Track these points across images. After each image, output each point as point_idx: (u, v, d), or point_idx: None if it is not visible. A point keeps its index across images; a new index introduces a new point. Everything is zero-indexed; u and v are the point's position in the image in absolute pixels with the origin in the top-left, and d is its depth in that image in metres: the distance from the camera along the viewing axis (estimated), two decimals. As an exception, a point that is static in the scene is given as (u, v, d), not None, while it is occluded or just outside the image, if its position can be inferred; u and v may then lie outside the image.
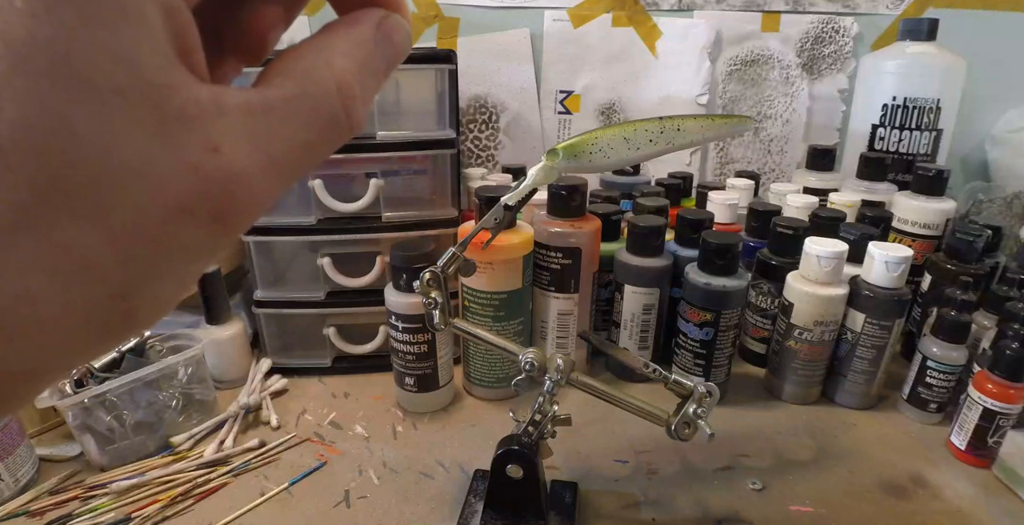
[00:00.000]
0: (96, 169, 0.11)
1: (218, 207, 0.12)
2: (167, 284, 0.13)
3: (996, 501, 0.45)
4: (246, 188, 0.13)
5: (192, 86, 0.12)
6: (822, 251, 0.51)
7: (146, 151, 0.11)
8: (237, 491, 0.45)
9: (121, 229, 0.11)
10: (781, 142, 0.92)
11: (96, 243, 0.11)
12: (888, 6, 0.85)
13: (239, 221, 0.13)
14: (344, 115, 0.14)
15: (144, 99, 0.11)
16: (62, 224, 0.11)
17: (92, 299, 0.12)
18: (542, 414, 0.39)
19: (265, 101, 0.13)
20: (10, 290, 0.10)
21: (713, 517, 0.43)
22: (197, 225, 0.12)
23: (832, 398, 0.57)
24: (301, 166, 0.14)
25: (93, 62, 0.11)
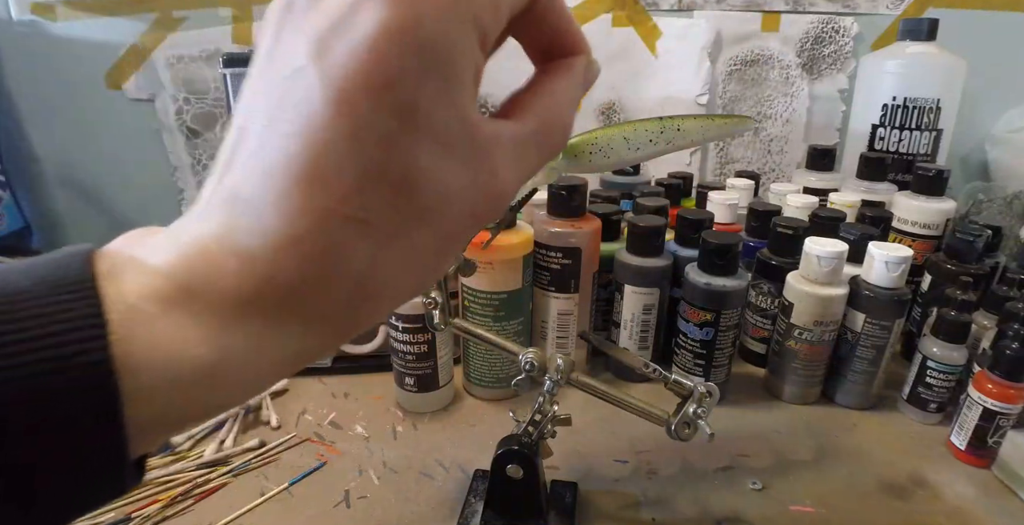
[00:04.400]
0: (434, 191, 0.15)
1: (490, 215, 0.17)
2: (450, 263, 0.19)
3: (996, 501, 0.45)
4: (505, 200, 0.17)
5: (486, 123, 0.16)
6: (822, 251, 0.51)
7: (463, 177, 0.16)
8: (237, 491, 0.45)
9: (444, 234, 0.16)
10: (781, 142, 0.92)
11: (430, 243, 0.16)
12: (888, 6, 0.85)
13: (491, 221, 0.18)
14: (562, 144, 0.19)
15: (465, 139, 0.16)
16: (420, 232, 0.16)
17: (421, 278, 0.17)
18: (542, 414, 0.39)
19: (522, 135, 0.18)
20: (380, 276, 0.16)
21: (713, 517, 0.43)
22: (476, 225, 0.17)
23: (832, 398, 0.57)
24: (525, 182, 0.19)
25: (436, 112, 0.15)
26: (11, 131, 0.91)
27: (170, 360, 0.14)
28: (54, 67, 0.88)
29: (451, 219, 0.16)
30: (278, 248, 0.14)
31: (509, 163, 0.17)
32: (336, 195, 0.14)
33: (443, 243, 0.16)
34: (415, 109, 0.14)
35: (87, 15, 0.86)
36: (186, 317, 0.14)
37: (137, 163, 0.94)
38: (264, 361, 0.15)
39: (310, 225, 0.14)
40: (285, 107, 0.14)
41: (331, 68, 0.14)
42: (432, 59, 0.14)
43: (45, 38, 0.86)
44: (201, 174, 0.95)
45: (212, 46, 0.88)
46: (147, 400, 0.13)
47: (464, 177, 0.16)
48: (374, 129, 0.14)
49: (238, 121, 0.16)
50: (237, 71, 0.57)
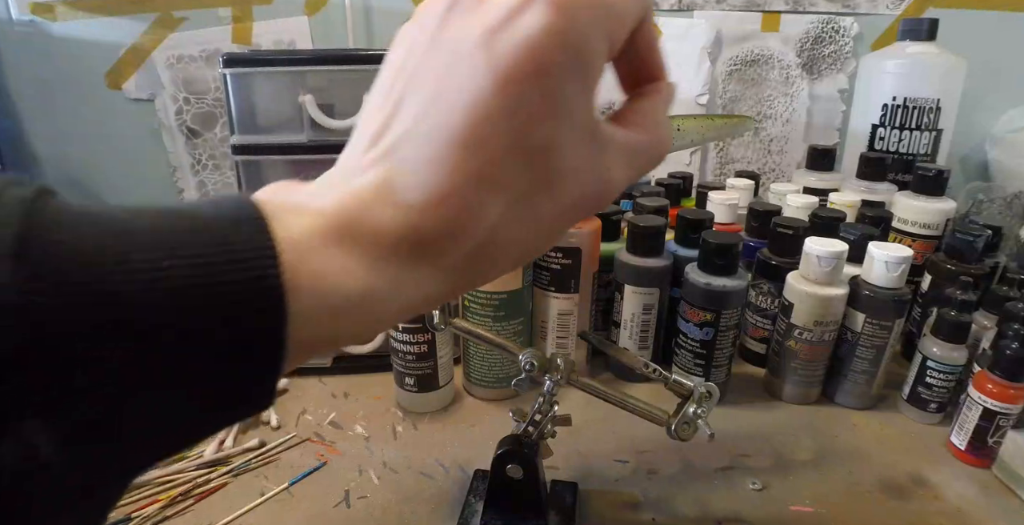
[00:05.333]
0: (561, 170, 0.18)
1: (599, 204, 0.20)
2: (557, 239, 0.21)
3: (996, 501, 0.45)
4: (611, 195, 0.20)
5: (604, 125, 0.20)
6: (822, 251, 0.51)
7: (584, 164, 0.19)
8: (237, 491, 0.45)
9: (559, 207, 0.19)
10: (781, 142, 0.93)
11: (547, 213, 0.19)
12: (888, 6, 0.85)
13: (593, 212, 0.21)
14: (663, 158, 0.22)
15: (590, 131, 0.19)
16: (542, 200, 0.19)
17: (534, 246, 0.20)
18: (542, 414, 0.39)
19: (634, 141, 0.21)
20: (505, 235, 0.18)
21: (713, 517, 0.43)
22: (585, 212, 0.20)
23: (832, 398, 0.57)
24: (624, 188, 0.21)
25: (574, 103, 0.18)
26: (11, 131, 0.91)
27: (328, 290, 0.16)
28: (54, 67, 0.88)
29: (569, 198, 0.19)
30: (429, 201, 0.17)
31: (621, 163, 0.20)
32: (486, 160, 0.17)
33: (557, 219, 0.19)
34: (560, 98, 0.17)
35: (87, 15, 0.86)
36: (343, 254, 0.16)
37: (137, 163, 0.94)
38: (400, 300, 0.18)
39: (459, 184, 0.17)
40: (451, 82, 0.17)
41: (497, 56, 0.17)
42: (577, 59, 0.17)
43: (45, 38, 0.86)
44: (201, 174, 0.95)
45: (212, 46, 0.88)
46: (304, 323, 0.16)
47: (587, 164, 0.19)
48: (526, 109, 0.17)
49: (395, 93, 0.18)
50: (237, 71, 0.57)
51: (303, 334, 0.16)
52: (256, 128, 0.59)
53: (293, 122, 0.58)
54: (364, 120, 0.19)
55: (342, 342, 0.18)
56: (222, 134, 0.93)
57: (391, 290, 0.17)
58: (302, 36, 0.89)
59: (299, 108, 0.57)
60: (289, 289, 0.15)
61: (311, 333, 0.16)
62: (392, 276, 0.17)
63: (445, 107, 0.17)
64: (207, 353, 0.14)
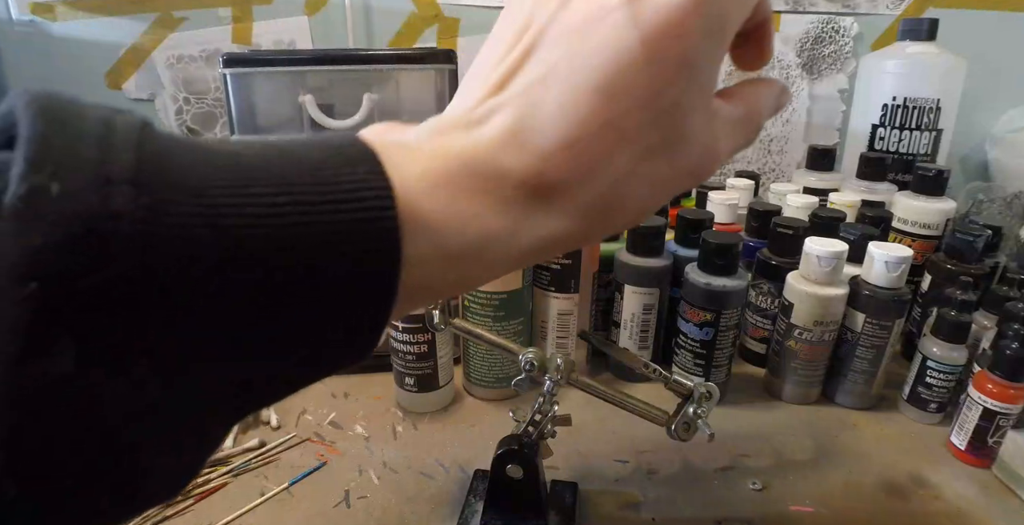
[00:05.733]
0: (683, 131, 0.19)
1: (704, 172, 0.20)
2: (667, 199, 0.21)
3: (996, 501, 0.45)
4: (714, 165, 0.20)
5: (716, 101, 0.20)
6: (822, 251, 0.51)
7: (700, 129, 0.19)
8: (237, 491, 0.45)
9: (675, 167, 0.19)
10: (781, 142, 0.93)
11: (666, 171, 0.19)
12: (888, 6, 0.85)
13: (697, 182, 0.21)
14: (756, 134, 0.23)
15: (710, 101, 0.20)
16: (662, 159, 0.19)
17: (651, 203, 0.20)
18: (542, 414, 0.39)
19: (736, 116, 0.21)
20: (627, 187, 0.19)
21: (713, 517, 0.43)
22: (688, 178, 0.20)
23: (832, 398, 0.57)
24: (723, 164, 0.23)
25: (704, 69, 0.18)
26: (11, 131, 0.91)
27: (447, 233, 0.16)
28: (54, 67, 0.88)
29: (683, 159, 0.19)
30: (558, 147, 0.17)
31: (725, 135, 0.20)
32: (620, 110, 0.17)
33: (672, 177, 0.19)
34: (694, 61, 0.18)
35: (87, 15, 0.86)
36: (464, 197, 0.16)
37: (137, 163, 0.94)
38: (517, 246, 0.17)
39: (592, 132, 0.17)
40: (593, 32, 0.17)
41: (642, 13, 0.17)
42: (715, 28, 0.18)
43: (45, 38, 0.86)
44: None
45: (212, 46, 0.88)
46: (420, 267, 0.15)
47: (702, 129, 0.19)
48: (664, 66, 0.17)
49: (525, 40, 0.18)
50: (237, 71, 0.57)
51: (418, 278, 0.15)
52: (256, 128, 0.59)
53: (293, 122, 0.58)
54: (482, 69, 0.19)
55: (460, 287, 0.18)
56: (222, 134, 0.93)
57: (511, 234, 0.17)
58: (302, 36, 0.89)
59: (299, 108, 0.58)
60: (406, 231, 0.15)
61: (427, 277, 0.16)
62: (512, 220, 0.17)
63: (584, 58, 0.17)
64: (317, 292, 0.14)
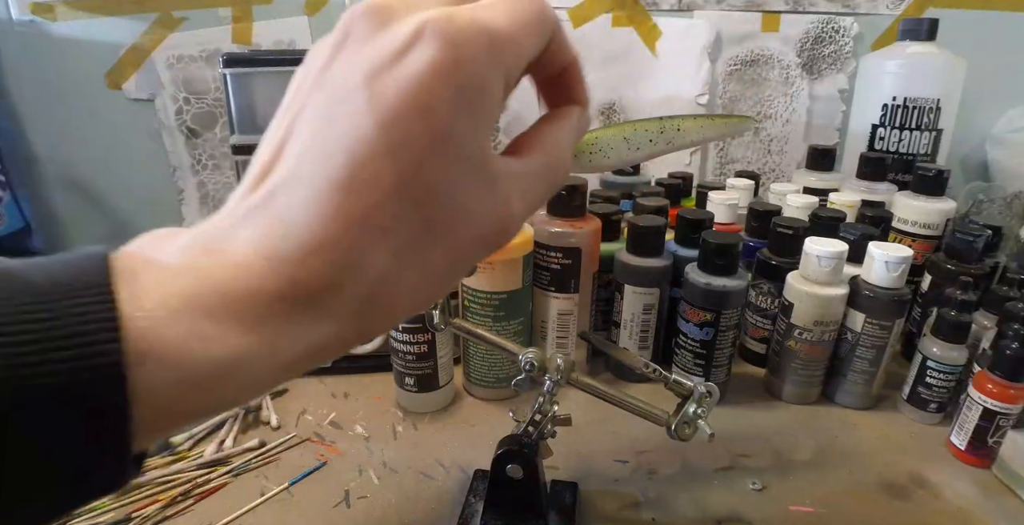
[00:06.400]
0: (452, 211, 0.17)
1: (499, 240, 0.19)
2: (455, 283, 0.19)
3: (996, 501, 0.45)
4: (514, 226, 0.19)
5: (498, 159, 0.19)
6: (822, 251, 0.51)
7: (476, 202, 0.18)
8: (237, 491, 0.45)
9: (455, 251, 0.18)
10: (781, 142, 0.92)
11: (441, 259, 0.18)
12: (888, 6, 0.85)
13: (498, 247, 0.19)
14: (564, 177, 0.22)
15: (484, 168, 0.18)
16: (433, 244, 0.17)
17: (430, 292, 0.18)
18: (542, 414, 0.39)
19: (530, 170, 0.20)
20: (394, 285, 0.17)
21: (713, 517, 0.43)
22: (484, 249, 0.19)
23: (832, 398, 0.57)
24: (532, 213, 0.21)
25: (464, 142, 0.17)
26: (11, 131, 0.91)
27: (185, 359, 0.14)
28: (54, 67, 0.88)
29: (463, 239, 0.18)
30: (307, 251, 0.16)
31: (518, 195, 0.19)
32: (368, 204, 0.16)
33: (453, 261, 0.18)
34: (447, 137, 0.16)
35: (87, 15, 0.86)
36: (205, 318, 0.15)
37: (137, 163, 0.94)
38: (278, 360, 0.16)
39: (340, 231, 0.16)
40: (332, 123, 0.16)
41: (381, 94, 0.16)
42: (467, 97, 0.17)
43: (45, 38, 0.86)
44: (201, 174, 0.95)
45: (212, 46, 0.88)
46: (159, 397, 0.14)
47: (479, 201, 0.18)
48: (410, 149, 0.16)
49: (279, 133, 0.17)
50: (237, 71, 0.57)
51: (163, 407, 0.14)
52: (256, 128, 0.59)
53: (293, 122, 0.58)
54: (253, 160, 0.18)
55: (222, 407, 0.16)
56: (222, 134, 0.93)
57: (269, 350, 0.16)
58: (302, 36, 0.89)
59: (299, 108, 0.57)
60: (136, 363, 0.14)
61: (173, 405, 0.15)
62: (270, 336, 0.16)
63: (325, 150, 0.16)
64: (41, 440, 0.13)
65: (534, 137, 0.21)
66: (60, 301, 0.14)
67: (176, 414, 0.15)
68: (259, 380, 0.16)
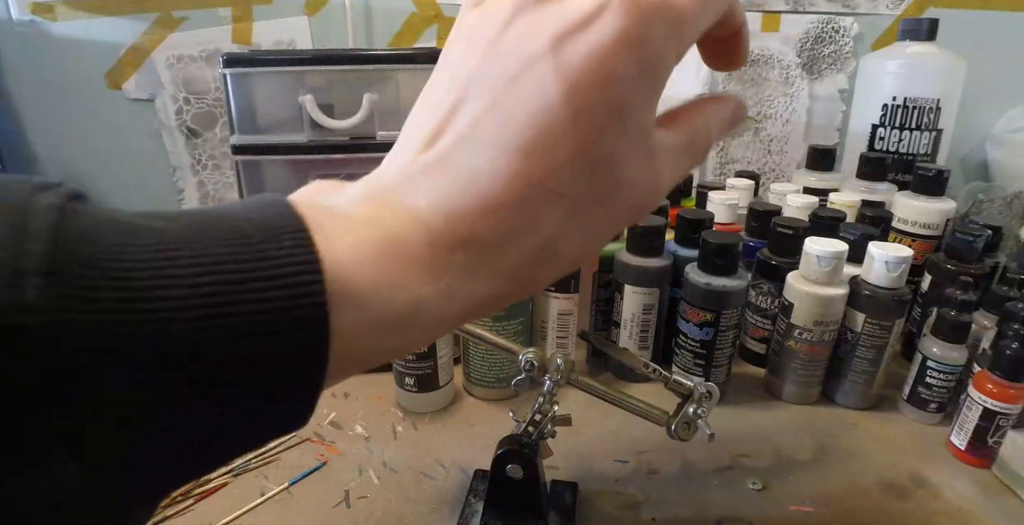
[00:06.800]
0: (617, 178, 0.18)
1: (650, 208, 0.20)
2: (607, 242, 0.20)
3: (996, 501, 0.45)
4: (658, 197, 0.20)
5: (656, 131, 0.19)
6: (822, 251, 0.51)
7: (638, 171, 0.19)
8: (237, 491, 0.45)
9: (614, 214, 0.19)
10: (781, 142, 0.93)
11: (602, 220, 0.19)
12: (888, 6, 0.85)
13: (644, 215, 0.21)
14: (703, 158, 0.22)
15: (647, 140, 0.19)
16: (598, 208, 0.18)
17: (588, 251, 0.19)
18: (542, 414, 0.39)
19: (678, 144, 0.20)
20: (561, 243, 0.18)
21: (713, 517, 0.43)
22: (637, 216, 0.20)
23: (832, 398, 0.57)
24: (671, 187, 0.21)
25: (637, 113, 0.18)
26: (11, 131, 0.91)
27: (377, 305, 0.15)
28: (54, 67, 0.88)
29: (622, 204, 0.19)
30: (485, 210, 0.16)
31: (669, 166, 0.20)
32: (547, 169, 0.17)
33: (610, 224, 0.19)
34: (625, 108, 0.17)
35: (87, 15, 0.86)
36: (392, 265, 0.16)
37: (137, 163, 0.94)
38: (452, 308, 0.17)
39: (518, 193, 0.17)
40: (516, 88, 0.16)
41: (567, 63, 0.16)
42: (646, 71, 0.17)
43: (45, 38, 0.86)
44: (201, 174, 0.95)
45: (212, 46, 0.88)
46: (351, 339, 0.15)
47: (640, 170, 0.19)
48: (592, 118, 0.16)
49: (452, 95, 0.18)
50: (237, 71, 0.57)
51: (349, 350, 0.15)
52: (256, 128, 0.59)
53: (293, 122, 0.58)
54: (418, 117, 0.19)
55: (395, 353, 0.18)
56: (222, 134, 0.93)
57: (443, 300, 0.17)
58: (302, 36, 0.89)
59: (299, 108, 0.57)
60: (334, 305, 0.14)
61: (358, 349, 0.16)
62: (444, 286, 0.17)
63: (507, 114, 0.16)
64: (243, 374, 0.14)
65: (687, 113, 0.21)
66: (266, 244, 0.14)
67: (361, 356, 0.16)
68: (435, 327, 0.17)
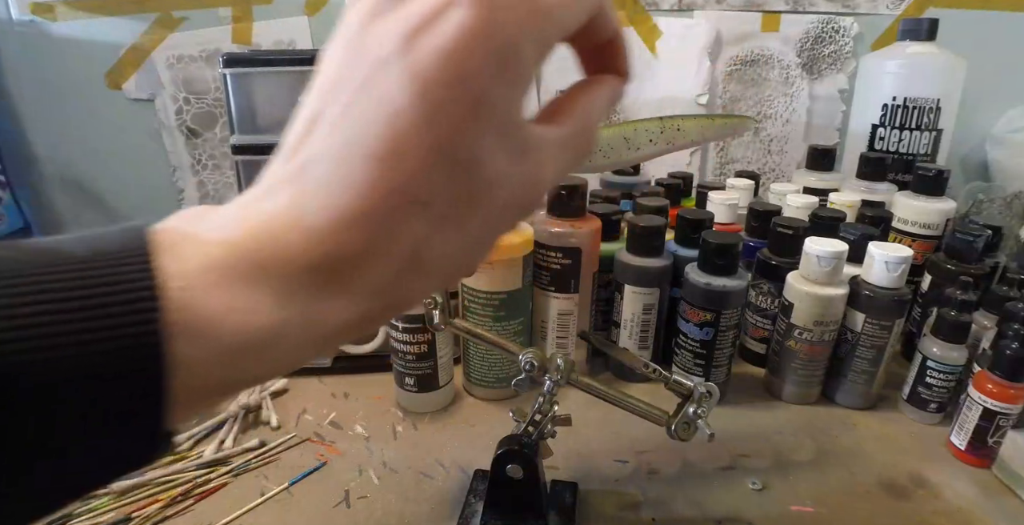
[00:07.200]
0: (488, 178, 0.17)
1: (530, 204, 0.19)
2: (490, 250, 0.19)
3: (996, 501, 0.45)
4: (543, 194, 0.19)
5: (530, 125, 0.18)
6: (822, 251, 0.51)
7: (511, 168, 0.17)
8: (237, 491, 0.45)
9: (491, 219, 0.18)
10: (781, 142, 0.92)
11: (477, 227, 0.18)
12: (888, 6, 0.85)
13: (530, 214, 0.20)
14: (591, 148, 0.21)
15: (519, 135, 0.18)
16: (469, 213, 0.17)
17: (466, 261, 0.19)
18: (542, 414, 0.39)
19: (561, 136, 0.19)
20: (432, 255, 0.17)
21: (713, 517, 0.43)
22: (517, 215, 0.19)
23: (832, 398, 0.57)
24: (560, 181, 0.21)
25: (500, 108, 0.16)
26: (11, 131, 0.91)
27: (224, 331, 0.14)
28: (54, 67, 0.88)
29: (499, 206, 0.18)
30: (342, 223, 0.15)
31: (551, 160, 0.19)
32: (405, 175, 0.16)
33: (489, 228, 0.18)
34: (484, 104, 0.16)
35: (87, 15, 0.86)
36: (245, 289, 0.15)
37: (137, 163, 0.94)
38: (315, 332, 0.16)
39: (376, 203, 0.16)
40: (367, 93, 0.16)
41: (416, 62, 0.15)
42: (504, 63, 0.16)
43: (45, 38, 0.86)
44: (201, 174, 0.95)
45: (212, 46, 0.88)
46: (197, 370, 0.14)
47: (514, 168, 0.18)
48: (447, 117, 0.16)
49: (313, 106, 0.17)
50: (237, 71, 0.57)
51: (202, 381, 0.15)
52: (256, 128, 0.59)
53: (293, 122, 0.58)
54: (287, 134, 0.18)
55: (258, 381, 0.16)
56: (222, 134, 0.93)
57: (303, 323, 0.16)
58: (302, 36, 0.89)
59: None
60: (176, 334, 0.14)
61: (213, 379, 0.15)
62: (303, 308, 0.16)
63: (360, 120, 0.16)
64: (78, 412, 0.13)
65: (566, 104, 0.21)
66: (101, 269, 0.14)
67: (212, 388, 0.15)
68: (295, 353, 0.16)
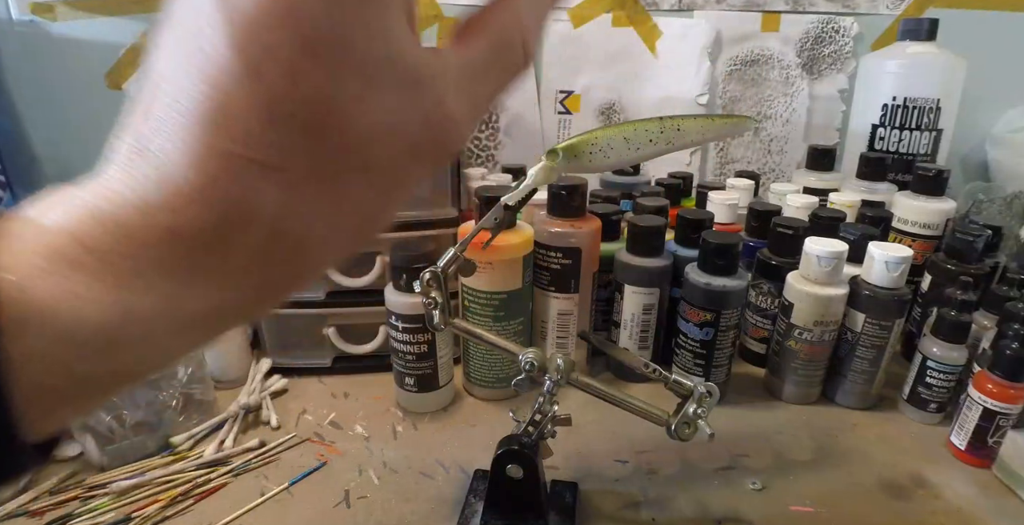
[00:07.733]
0: (361, 128, 0.14)
1: (439, 149, 0.16)
2: (395, 209, 0.17)
3: (996, 501, 0.45)
4: (457, 132, 0.16)
5: (420, 51, 0.15)
6: (822, 251, 0.51)
7: (395, 109, 0.15)
8: (237, 491, 0.45)
9: (381, 177, 0.15)
10: (781, 142, 0.92)
11: (363, 188, 0.15)
12: (888, 6, 0.85)
13: (447, 158, 0.17)
14: (524, 62, 0.18)
15: (397, 70, 0.14)
16: (341, 175, 0.15)
17: (360, 228, 0.16)
18: (542, 414, 0.39)
19: (472, 59, 0.16)
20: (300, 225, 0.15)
21: (713, 517, 0.43)
22: (423, 164, 0.16)
23: (832, 398, 0.57)
24: (488, 108, 0.18)
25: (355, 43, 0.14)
26: (11, 131, 0.91)
27: (63, 319, 0.13)
28: (54, 67, 0.88)
29: (387, 160, 0.15)
30: (180, 197, 0.14)
31: (457, 91, 0.16)
32: (239, 137, 0.13)
33: (381, 188, 0.16)
34: (326, 41, 0.13)
35: (87, 15, 0.86)
36: (81, 274, 0.13)
37: (137, 163, 0.94)
38: (175, 321, 0.15)
39: (214, 171, 0.14)
40: (192, 54, 0.14)
41: (233, 9, 0.13)
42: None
43: (45, 38, 0.86)
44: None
45: (212, 46, 0.88)
46: (45, 364, 0.13)
47: (399, 109, 0.15)
48: (278, 64, 0.13)
49: (152, 78, 0.15)
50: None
51: (49, 378, 0.13)
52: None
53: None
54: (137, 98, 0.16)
55: (121, 378, 0.15)
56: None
57: (157, 310, 0.14)
58: None
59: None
60: (6, 328, 0.12)
61: (60, 374, 0.13)
62: (154, 293, 0.14)
63: (186, 81, 0.14)
64: None
65: (478, 20, 0.17)
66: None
67: (71, 386, 0.14)
68: (159, 344, 0.15)
